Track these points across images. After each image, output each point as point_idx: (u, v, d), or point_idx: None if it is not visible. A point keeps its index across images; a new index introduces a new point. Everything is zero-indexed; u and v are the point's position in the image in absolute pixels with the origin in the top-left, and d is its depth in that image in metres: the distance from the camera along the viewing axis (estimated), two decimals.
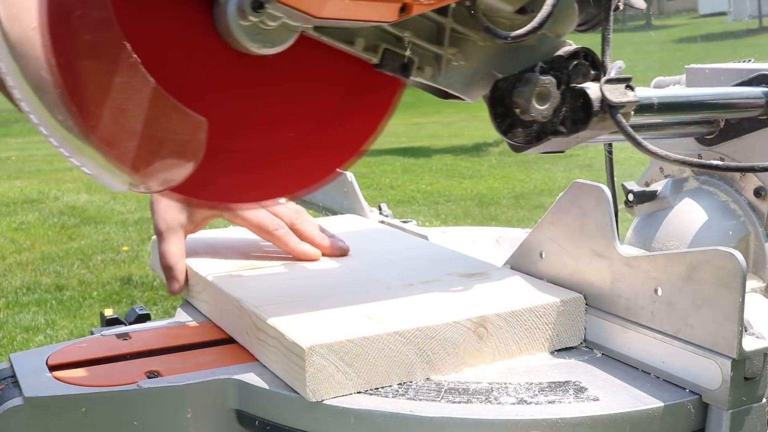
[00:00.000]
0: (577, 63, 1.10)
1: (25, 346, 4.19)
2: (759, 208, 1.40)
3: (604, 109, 1.08)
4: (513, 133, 1.10)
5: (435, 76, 1.11)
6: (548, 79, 1.07)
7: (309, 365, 0.93)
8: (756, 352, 0.92)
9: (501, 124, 1.11)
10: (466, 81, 1.13)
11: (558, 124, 1.10)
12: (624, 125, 1.09)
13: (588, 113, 1.09)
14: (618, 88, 1.09)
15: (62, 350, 1.14)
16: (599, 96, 1.08)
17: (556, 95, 1.08)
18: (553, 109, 1.08)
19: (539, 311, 1.07)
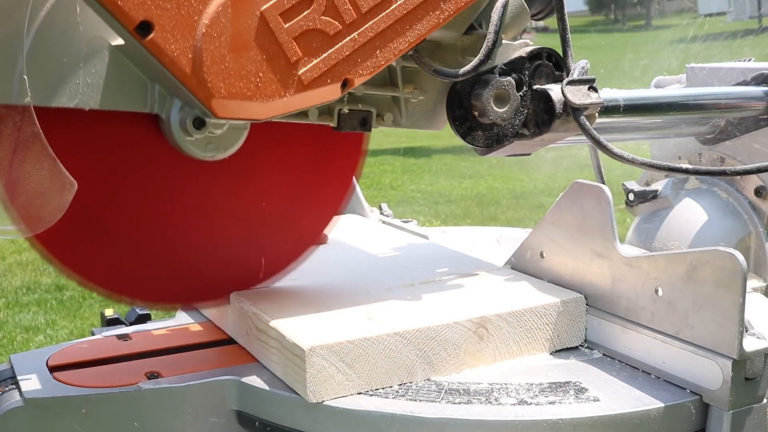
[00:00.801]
0: (539, 64, 1.08)
1: (25, 347, 4.19)
2: (760, 208, 1.40)
3: (567, 111, 1.06)
4: (472, 137, 1.08)
5: (396, 120, 1.10)
6: (507, 81, 1.05)
7: (309, 366, 0.93)
8: (757, 353, 0.92)
9: (460, 127, 1.08)
10: (429, 114, 1.12)
11: (520, 127, 1.08)
12: (587, 127, 1.07)
13: (551, 115, 1.07)
14: (581, 89, 1.06)
15: (62, 351, 1.14)
16: (562, 98, 1.06)
17: (515, 97, 1.06)
18: (513, 112, 1.06)
19: (540, 311, 1.06)
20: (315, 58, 0.92)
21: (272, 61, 0.90)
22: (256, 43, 0.89)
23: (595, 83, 1.07)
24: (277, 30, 0.90)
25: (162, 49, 0.85)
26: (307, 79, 0.92)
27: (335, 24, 0.92)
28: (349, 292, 1.14)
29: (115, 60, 0.94)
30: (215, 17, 0.87)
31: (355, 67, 0.95)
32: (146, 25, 0.84)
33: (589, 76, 1.07)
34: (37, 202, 0.92)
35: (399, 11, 0.95)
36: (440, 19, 0.98)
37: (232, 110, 0.90)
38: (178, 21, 0.85)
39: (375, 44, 0.95)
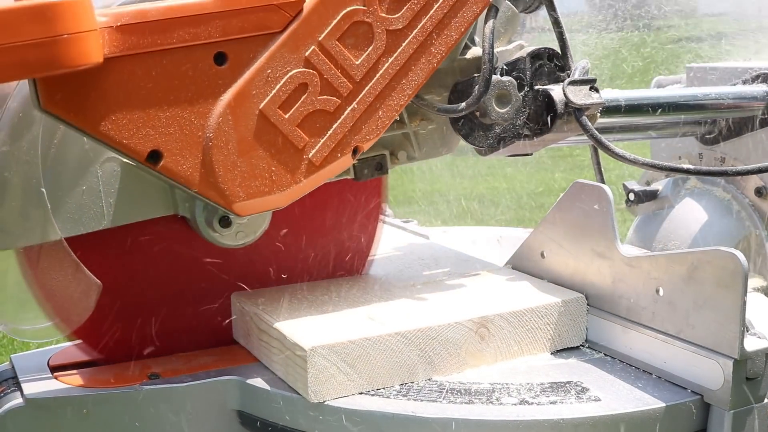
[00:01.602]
0: (540, 64, 1.08)
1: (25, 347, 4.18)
2: (760, 208, 1.40)
3: (569, 111, 1.07)
4: (474, 137, 1.08)
5: (411, 155, 1.12)
6: (508, 81, 1.05)
7: (311, 366, 0.93)
8: (758, 353, 0.92)
9: (461, 128, 1.08)
10: (440, 141, 1.13)
11: (522, 127, 1.08)
12: (589, 128, 1.07)
13: (552, 115, 1.07)
14: (582, 89, 1.07)
15: (63, 351, 1.14)
16: (563, 98, 1.06)
17: (517, 97, 1.06)
18: (515, 112, 1.06)
19: (541, 311, 1.06)
20: (321, 138, 0.94)
21: (281, 154, 0.92)
22: (262, 142, 0.91)
23: (596, 83, 1.08)
24: (280, 123, 0.92)
25: (175, 171, 0.88)
26: (318, 160, 0.95)
27: (334, 100, 0.94)
28: (350, 292, 1.14)
29: (132, 174, 0.98)
30: (218, 128, 0.89)
31: (361, 134, 0.96)
32: (155, 153, 0.87)
33: (590, 77, 1.08)
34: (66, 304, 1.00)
35: (392, 70, 0.96)
36: (433, 64, 0.98)
37: (254, 207, 0.93)
38: (184, 142, 0.88)
39: (376, 107, 0.96)
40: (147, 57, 0.84)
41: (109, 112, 0.84)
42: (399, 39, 0.96)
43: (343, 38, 0.93)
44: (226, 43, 0.88)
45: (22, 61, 0.76)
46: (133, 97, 0.85)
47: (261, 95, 0.90)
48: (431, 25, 0.97)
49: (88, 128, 0.84)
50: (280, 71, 0.91)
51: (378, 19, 0.94)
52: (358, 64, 0.94)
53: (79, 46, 0.78)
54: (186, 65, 0.86)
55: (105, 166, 0.97)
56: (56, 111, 0.83)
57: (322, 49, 0.92)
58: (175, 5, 0.86)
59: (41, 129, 0.94)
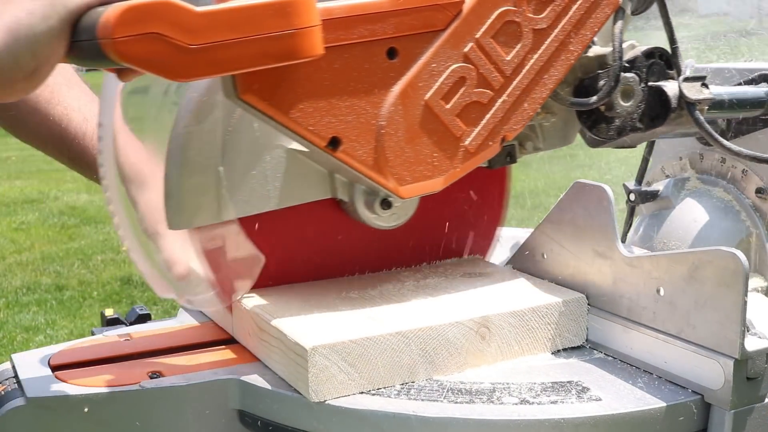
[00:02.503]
0: (653, 62, 1.16)
1: (25, 346, 4.19)
2: (761, 208, 1.40)
3: (681, 105, 1.14)
4: (597, 129, 1.17)
5: (536, 146, 1.20)
6: (632, 77, 1.14)
7: (311, 365, 0.93)
8: (758, 352, 0.92)
9: (587, 120, 1.17)
10: (562, 133, 1.21)
11: (638, 121, 1.16)
12: (702, 121, 1.15)
13: (666, 110, 1.15)
14: (695, 85, 1.15)
15: (64, 351, 1.14)
16: (677, 93, 1.14)
17: (639, 92, 1.14)
18: (636, 106, 1.14)
19: (541, 311, 1.07)
20: (476, 127, 1.03)
21: (442, 141, 1.01)
22: (426, 130, 1.00)
23: (707, 80, 1.16)
24: (442, 113, 1.00)
25: (352, 156, 0.96)
26: (473, 147, 1.03)
27: (487, 92, 1.02)
28: (350, 291, 1.14)
29: (296, 160, 1.06)
30: (389, 117, 0.97)
31: (509, 124, 1.05)
32: (335, 140, 0.95)
33: (701, 74, 1.16)
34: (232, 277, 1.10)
35: (536, 66, 1.05)
36: (571, 61, 1.07)
37: (416, 191, 1.02)
38: (360, 129, 0.96)
39: (522, 100, 1.05)
40: (332, 51, 0.92)
41: (299, 101, 0.93)
42: (543, 37, 1.05)
43: (497, 36, 1.02)
44: (398, 39, 0.97)
45: (266, 52, 0.84)
46: (318, 88, 0.93)
47: (426, 87, 0.99)
48: (570, 25, 1.06)
49: (278, 116, 0.93)
50: (443, 65, 1.00)
51: (526, 18, 1.04)
52: (508, 60, 1.03)
53: (311, 39, 0.86)
54: (363, 59, 0.95)
55: (273, 152, 1.05)
56: (251, 100, 0.91)
57: (478, 46, 1.01)
58: (355, 4, 0.95)
59: (221, 115, 1.02)
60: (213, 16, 0.82)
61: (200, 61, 0.82)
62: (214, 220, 1.04)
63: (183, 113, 1.02)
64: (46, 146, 1.36)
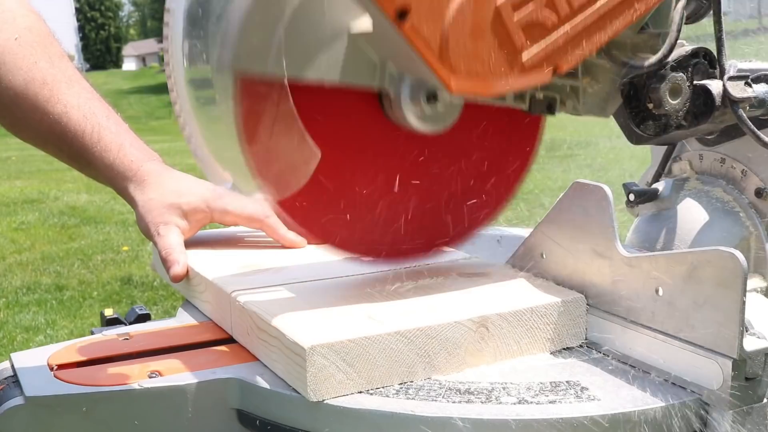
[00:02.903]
0: (697, 62, 1.18)
1: (25, 346, 4.19)
2: (760, 208, 1.40)
3: (725, 104, 1.17)
4: (645, 126, 1.19)
5: (575, 107, 1.20)
6: (680, 76, 1.16)
7: (310, 365, 0.93)
8: (757, 352, 0.92)
9: (635, 117, 1.19)
10: (602, 104, 1.21)
11: (683, 119, 1.18)
12: (745, 119, 1.18)
13: (710, 108, 1.17)
14: (739, 84, 1.18)
15: (63, 350, 1.14)
16: (721, 92, 1.17)
17: (686, 91, 1.16)
18: (683, 104, 1.16)
19: (540, 311, 1.07)
20: (536, 45, 1.03)
21: (503, 47, 1.01)
22: (491, 31, 1.00)
23: (750, 79, 1.18)
24: (509, 21, 1.00)
25: (416, 33, 0.96)
26: (528, 64, 1.02)
27: (553, 17, 1.03)
28: (349, 291, 1.14)
29: (352, 44, 1.05)
30: (460, 7, 0.97)
31: (565, 55, 1.05)
32: (404, 12, 0.94)
33: (744, 73, 1.19)
34: (286, 171, 1.07)
35: (603, 8, 1.05)
36: (634, 17, 1.07)
37: (466, 86, 1.00)
38: (431, 8, 0.96)
39: (582, 37, 1.05)
40: None
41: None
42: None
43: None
44: None
45: None
46: None
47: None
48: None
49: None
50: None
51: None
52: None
53: None
54: None
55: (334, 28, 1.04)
56: None
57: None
58: None
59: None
60: None
61: None
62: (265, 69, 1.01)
63: None
64: (46, 145, 1.36)
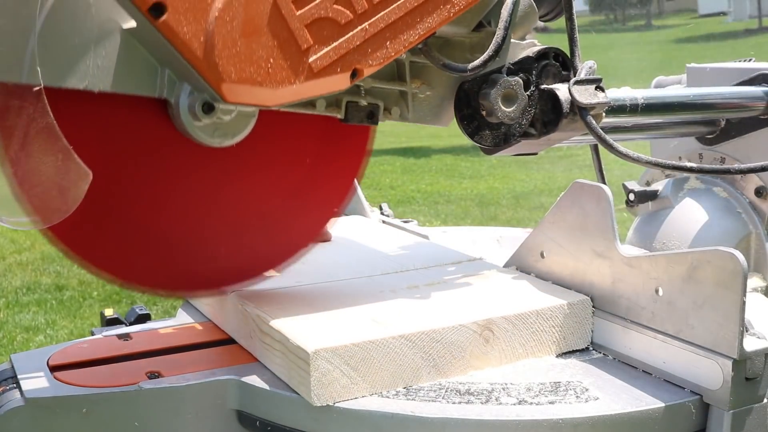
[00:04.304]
0: (546, 64, 1.08)
1: (25, 346, 4.18)
2: (760, 208, 1.40)
3: (574, 110, 1.07)
4: (480, 136, 1.09)
5: (403, 114, 1.10)
6: (515, 80, 1.06)
7: (314, 369, 0.93)
8: (757, 353, 0.92)
9: (468, 126, 1.09)
10: (435, 110, 1.12)
11: (528, 126, 1.08)
12: (594, 127, 1.07)
13: (558, 115, 1.07)
14: (588, 89, 1.07)
15: (63, 351, 1.14)
16: (569, 97, 1.07)
17: (523, 97, 1.06)
18: (521, 111, 1.07)
19: (546, 314, 1.06)
20: (325, 47, 0.93)
21: (283, 48, 0.90)
22: (268, 29, 0.89)
23: (602, 83, 1.08)
24: (289, 17, 0.90)
25: (174, 31, 0.85)
26: (317, 67, 0.93)
27: (347, 13, 0.93)
28: (352, 293, 1.14)
29: (126, 44, 0.93)
30: (228, 2, 0.87)
31: (365, 57, 0.95)
32: (159, 6, 0.84)
33: (596, 76, 1.08)
34: (52, 194, 0.92)
35: (410, 3, 0.95)
36: (451, 13, 0.98)
37: (242, 95, 0.90)
38: (191, 3, 0.86)
39: (385, 35, 0.95)
40: None
41: None
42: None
43: None
44: None
45: None
46: None
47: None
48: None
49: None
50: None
51: None
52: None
53: None
54: None
55: (104, 26, 0.93)
56: None
57: None
58: None
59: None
60: None
61: None
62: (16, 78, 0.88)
63: None
64: None
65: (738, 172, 1.17)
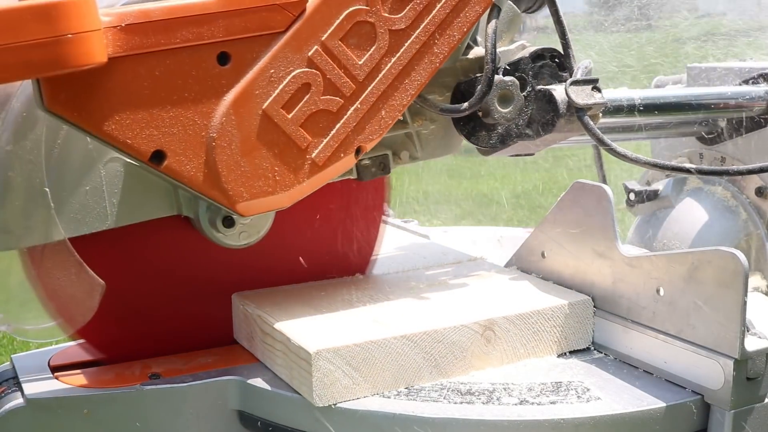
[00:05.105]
0: (542, 64, 1.08)
1: (25, 347, 4.18)
2: (760, 207, 1.40)
3: (571, 111, 1.07)
4: (476, 137, 1.09)
5: (413, 155, 1.12)
6: (511, 81, 1.05)
7: (315, 370, 0.93)
8: (758, 352, 0.92)
9: (464, 127, 1.09)
10: (442, 141, 1.13)
11: (524, 127, 1.08)
12: (591, 127, 1.07)
13: (555, 115, 1.07)
14: (584, 89, 1.07)
15: (64, 351, 1.14)
16: (565, 98, 1.06)
17: (519, 97, 1.06)
18: (517, 112, 1.06)
19: (547, 314, 1.06)
20: (324, 138, 0.94)
21: (284, 154, 0.93)
22: (265, 142, 0.91)
23: (599, 83, 1.08)
24: (283, 123, 0.92)
25: (178, 172, 0.88)
26: (321, 160, 0.95)
27: (337, 100, 0.94)
28: (353, 293, 1.14)
29: (135, 174, 0.98)
30: (221, 128, 0.89)
31: (364, 134, 0.97)
32: (159, 154, 0.87)
33: (592, 76, 1.08)
34: (70, 304, 1.00)
35: (394, 70, 0.96)
36: (436, 64, 0.98)
37: (257, 207, 0.94)
38: (187, 142, 0.88)
39: (379, 107, 0.96)
40: (151, 57, 0.84)
41: (113, 112, 0.84)
42: (402, 39, 0.96)
43: (346, 38, 0.94)
44: (229, 42, 0.88)
45: (26, 61, 0.76)
46: (136, 97, 0.85)
47: (264, 95, 0.91)
48: (434, 25, 0.97)
49: (91, 128, 0.85)
50: (283, 71, 0.91)
51: (381, 19, 0.95)
52: (360, 64, 0.94)
53: (83, 46, 0.78)
54: (189, 65, 0.87)
55: (108, 166, 0.97)
56: (60, 111, 0.83)
57: (325, 49, 0.93)
58: (178, 5, 0.86)
59: (45, 129, 0.93)
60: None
61: None
62: (42, 240, 0.95)
63: (4, 128, 0.94)
64: None
65: (737, 173, 1.17)
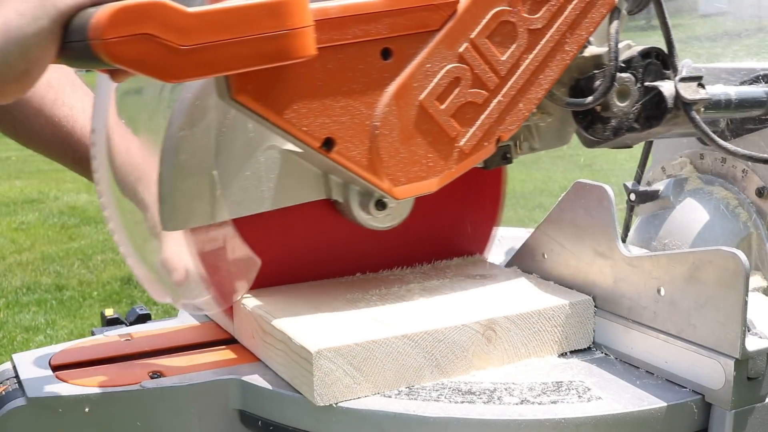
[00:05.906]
0: (649, 62, 1.15)
1: (25, 346, 4.18)
2: (761, 208, 1.40)
3: (678, 106, 1.14)
4: (593, 129, 1.16)
5: (532, 146, 1.19)
6: (628, 77, 1.13)
7: (317, 369, 0.93)
8: (759, 352, 0.92)
9: (582, 120, 1.17)
10: (558, 133, 1.20)
11: (633, 121, 1.15)
12: (698, 121, 1.15)
13: (662, 110, 1.14)
14: (691, 86, 1.14)
15: (65, 351, 1.14)
16: (673, 93, 1.14)
17: (635, 92, 1.14)
18: (632, 106, 1.14)
19: (548, 314, 1.06)
20: (471, 128, 1.03)
21: (437, 142, 1.01)
22: (421, 130, 1.00)
23: (703, 80, 1.15)
24: (436, 113, 1.00)
25: (346, 157, 0.96)
26: (468, 148, 1.03)
27: (482, 93, 1.02)
28: (354, 292, 1.14)
29: (290, 161, 1.05)
30: (384, 117, 0.97)
31: (504, 125, 1.05)
32: (329, 141, 0.95)
33: (697, 74, 1.15)
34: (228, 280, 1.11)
35: (531, 66, 1.05)
36: (566, 61, 1.07)
37: (410, 191, 1.02)
38: (354, 130, 0.96)
39: (517, 100, 1.05)
40: (326, 51, 0.92)
41: (293, 101, 0.93)
42: (538, 37, 1.05)
43: (492, 36, 1.02)
44: (392, 39, 0.97)
45: (258, 53, 0.84)
46: (312, 89, 0.93)
47: (421, 88, 0.99)
48: (565, 25, 1.06)
49: (272, 117, 0.92)
50: (438, 66, 0.99)
51: (521, 19, 1.03)
52: (503, 60, 1.03)
53: (303, 40, 0.86)
54: (357, 59, 0.95)
55: (267, 153, 1.05)
56: (245, 101, 0.90)
57: (473, 46, 1.01)
58: (349, 4, 0.94)
59: (215, 117, 1.01)
60: (205, 17, 0.81)
61: (192, 62, 0.82)
62: (207, 221, 1.03)
63: (177, 115, 1.01)
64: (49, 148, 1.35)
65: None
